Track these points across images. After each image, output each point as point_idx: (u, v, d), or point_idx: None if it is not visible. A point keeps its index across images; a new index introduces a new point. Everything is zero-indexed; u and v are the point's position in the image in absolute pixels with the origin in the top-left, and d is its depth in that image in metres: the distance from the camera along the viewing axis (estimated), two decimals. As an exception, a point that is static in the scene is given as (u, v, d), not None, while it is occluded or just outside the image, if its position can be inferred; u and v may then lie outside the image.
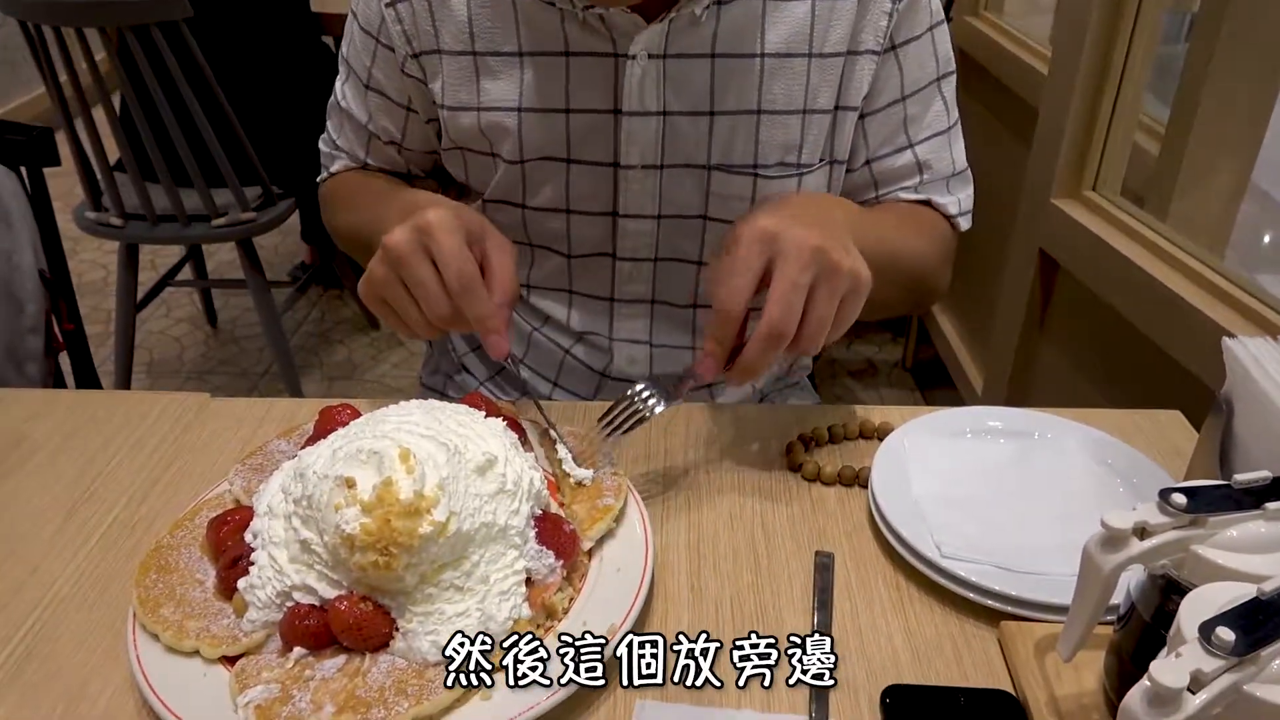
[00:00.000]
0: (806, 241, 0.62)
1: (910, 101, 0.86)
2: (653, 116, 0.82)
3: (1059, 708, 0.54)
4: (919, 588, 0.65)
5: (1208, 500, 0.47)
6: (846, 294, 0.64)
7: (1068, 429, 0.76)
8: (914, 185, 0.89)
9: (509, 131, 0.84)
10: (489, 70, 0.83)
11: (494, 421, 0.67)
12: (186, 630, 0.56)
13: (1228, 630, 0.39)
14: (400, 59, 0.86)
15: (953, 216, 0.91)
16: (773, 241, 0.62)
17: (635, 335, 0.94)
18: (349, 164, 0.96)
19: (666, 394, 0.68)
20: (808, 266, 0.62)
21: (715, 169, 0.85)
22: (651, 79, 0.81)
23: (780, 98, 0.82)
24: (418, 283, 0.66)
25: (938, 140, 0.88)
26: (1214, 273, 1.16)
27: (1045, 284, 1.55)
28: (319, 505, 0.55)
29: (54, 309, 1.08)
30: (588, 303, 0.94)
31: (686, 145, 0.84)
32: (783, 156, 0.85)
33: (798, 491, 0.74)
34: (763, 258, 0.63)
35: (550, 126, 0.83)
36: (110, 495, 0.73)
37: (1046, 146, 1.46)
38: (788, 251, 0.62)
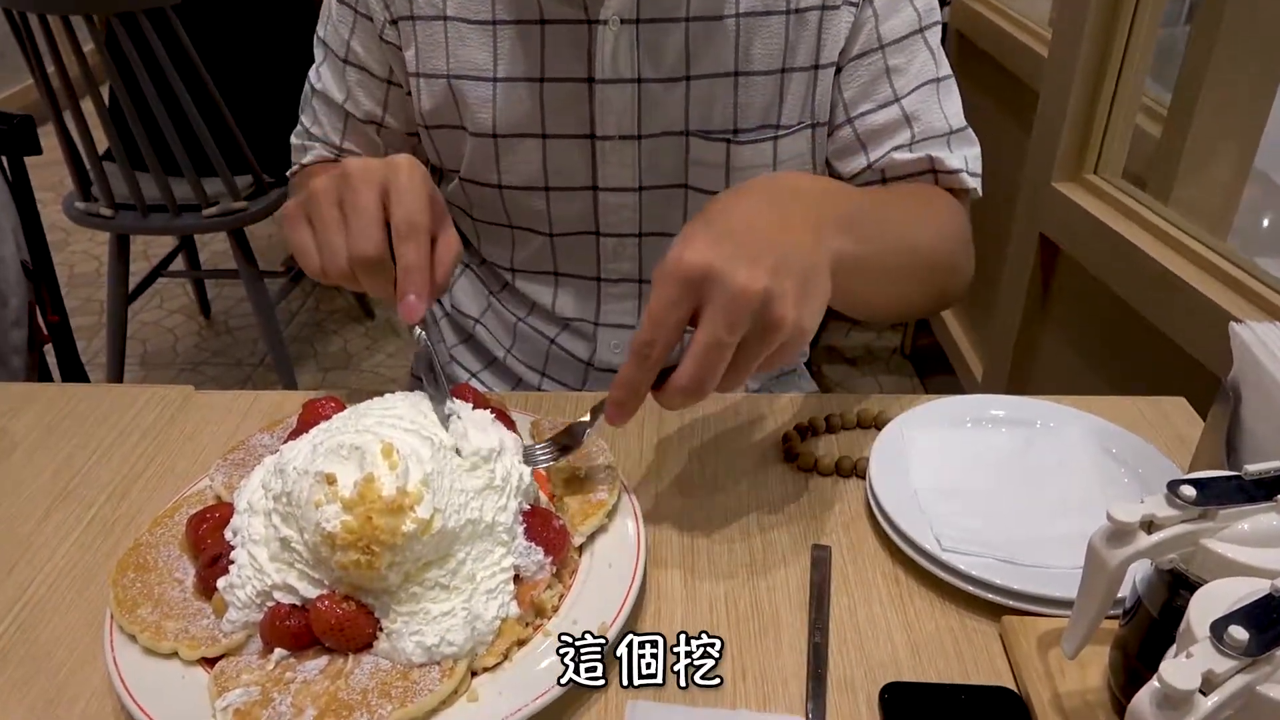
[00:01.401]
0: (746, 291, 0.52)
1: (890, 51, 0.81)
2: (628, 84, 0.80)
3: (1063, 705, 0.53)
4: (918, 581, 0.63)
5: (1218, 492, 0.46)
6: (781, 346, 0.55)
7: (1071, 417, 0.75)
8: (906, 143, 0.83)
9: (484, 102, 0.82)
10: (461, 37, 0.82)
11: (481, 413, 0.65)
12: (164, 631, 0.55)
13: (1240, 629, 0.37)
14: (379, 26, 0.84)
15: (956, 171, 0.83)
16: (705, 281, 0.53)
17: (622, 319, 0.93)
18: (323, 154, 0.93)
19: (563, 448, 0.64)
20: (739, 323, 0.53)
21: (693, 135, 0.83)
22: (625, 45, 0.79)
23: (758, 58, 0.80)
24: (358, 210, 0.60)
25: (925, 91, 0.82)
26: (1218, 256, 1.14)
27: (1046, 269, 1.53)
28: (299, 502, 0.53)
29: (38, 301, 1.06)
30: (574, 284, 0.92)
31: (663, 112, 0.82)
32: (762, 119, 0.83)
33: (794, 483, 0.72)
34: (690, 301, 0.54)
35: (525, 97, 0.82)
36: (91, 492, 0.72)
37: (1047, 129, 1.44)
38: (719, 301, 0.52)
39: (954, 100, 0.85)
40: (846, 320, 2.63)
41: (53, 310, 1.07)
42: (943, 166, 0.83)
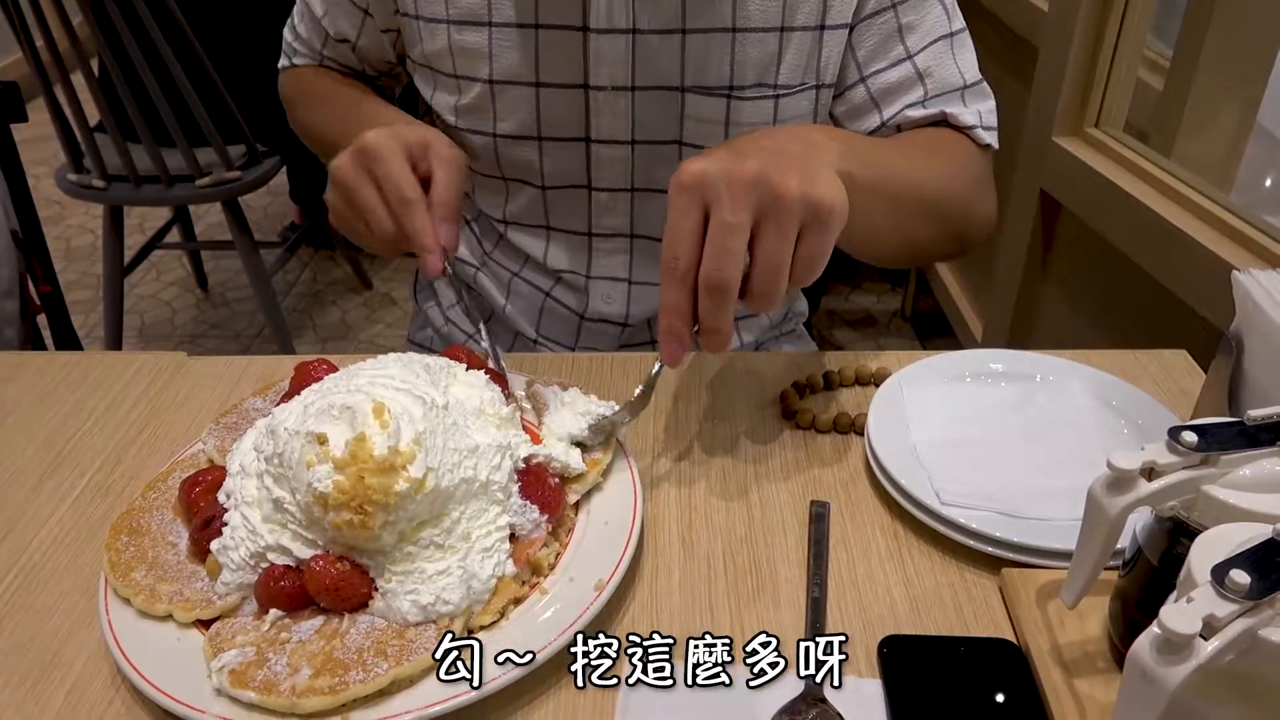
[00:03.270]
0: (740, 174, 0.54)
1: (903, 8, 0.80)
2: (622, 34, 0.79)
3: (1062, 656, 0.53)
4: (918, 536, 0.63)
5: (1219, 438, 0.45)
6: (805, 225, 0.55)
7: (1071, 370, 0.74)
8: (920, 99, 0.82)
9: (479, 49, 0.81)
10: None
11: (475, 374, 0.64)
12: (159, 594, 0.54)
13: (1242, 573, 0.37)
14: None
15: (970, 127, 0.82)
16: (702, 184, 0.54)
17: (614, 272, 0.92)
18: (309, 59, 0.96)
19: (633, 409, 0.65)
20: (742, 201, 0.54)
21: (689, 90, 0.81)
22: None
23: (756, 14, 0.79)
24: (365, 208, 0.68)
25: (938, 47, 0.81)
26: (1221, 209, 1.13)
27: (1047, 225, 1.52)
28: (290, 463, 0.53)
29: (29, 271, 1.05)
30: (565, 238, 0.91)
31: (658, 65, 0.80)
32: (759, 76, 0.81)
33: (792, 440, 0.72)
34: (696, 206, 0.55)
35: (519, 44, 0.80)
36: (84, 458, 0.71)
37: (1048, 83, 1.42)
38: (718, 188, 0.54)
39: (968, 54, 0.83)
40: (848, 283, 2.62)
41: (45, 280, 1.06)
42: (956, 122, 0.82)
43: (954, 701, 0.51)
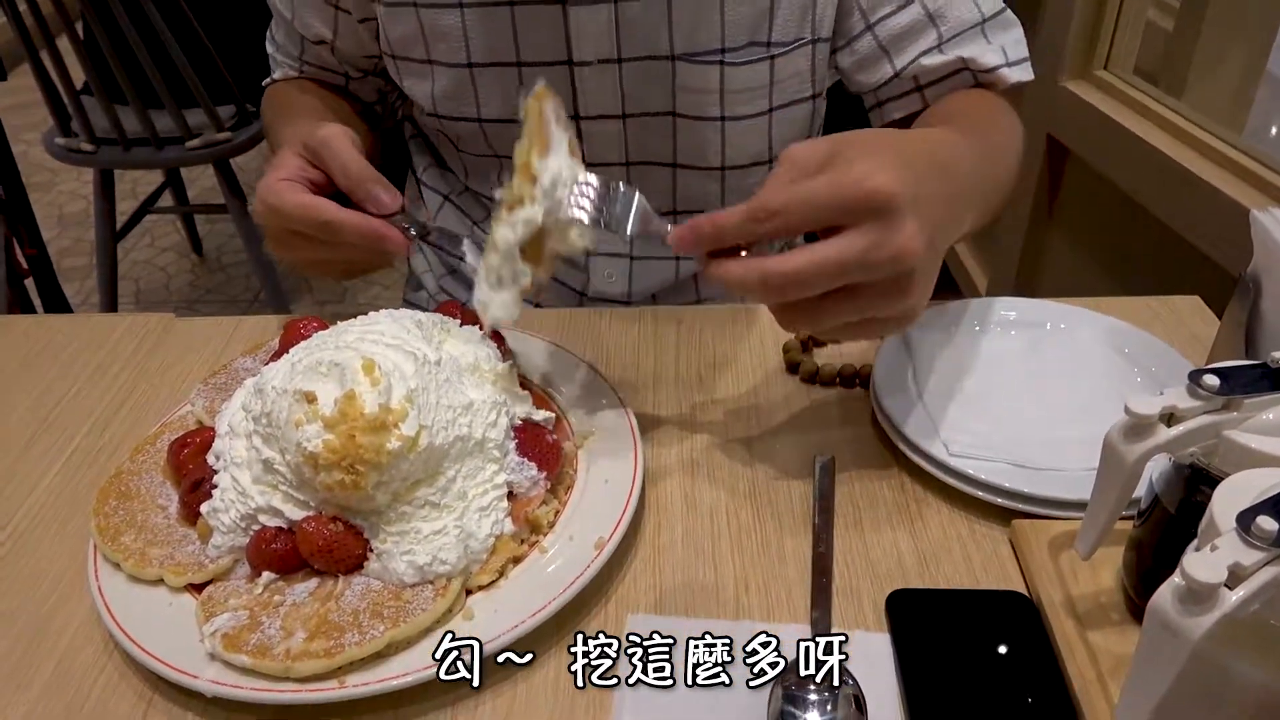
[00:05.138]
0: (907, 251, 0.47)
1: None
2: (603, 4, 0.74)
3: (1075, 608, 0.51)
4: (925, 489, 0.61)
5: (1242, 381, 0.43)
6: (871, 322, 0.51)
7: (1082, 318, 0.72)
8: (935, 44, 0.76)
9: (452, 30, 0.77)
10: None
11: (470, 329, 0.62)
12: (149, 558, 0.53)
13: (1270, 519, 0.35)
14: None
15: (994, 68, 0.76)
16: (869, 210, 0.47)
17: (615, 248, 0.89)
18: (288, 70, 0.91)
19: (628, 220, 0.56)
20: (875, 266, 0.47)
21: (679, 59, 0.77)
22: None
23: None
24: (315, 263, 0.68)
25: None
26: (1234, 150, 1.10)
27: (1054, 172, 1.48)
28: (279, 423, 0.51)
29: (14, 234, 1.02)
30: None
31: (644, 34, 0.76)
32: (752, 35, 0.76)
33: (795, 393, 0.70)
34: (847, 217, 0.48)
35: (496, 23, 0.76)
36: (72, 422, 0.70)
37: (1056, 25, 1.38)
38: (877, 237, 0.47)
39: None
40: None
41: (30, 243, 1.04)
42: (978, 65, 0.77)
43: (964, 656, 0.50)
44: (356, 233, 0.62)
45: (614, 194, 0.56)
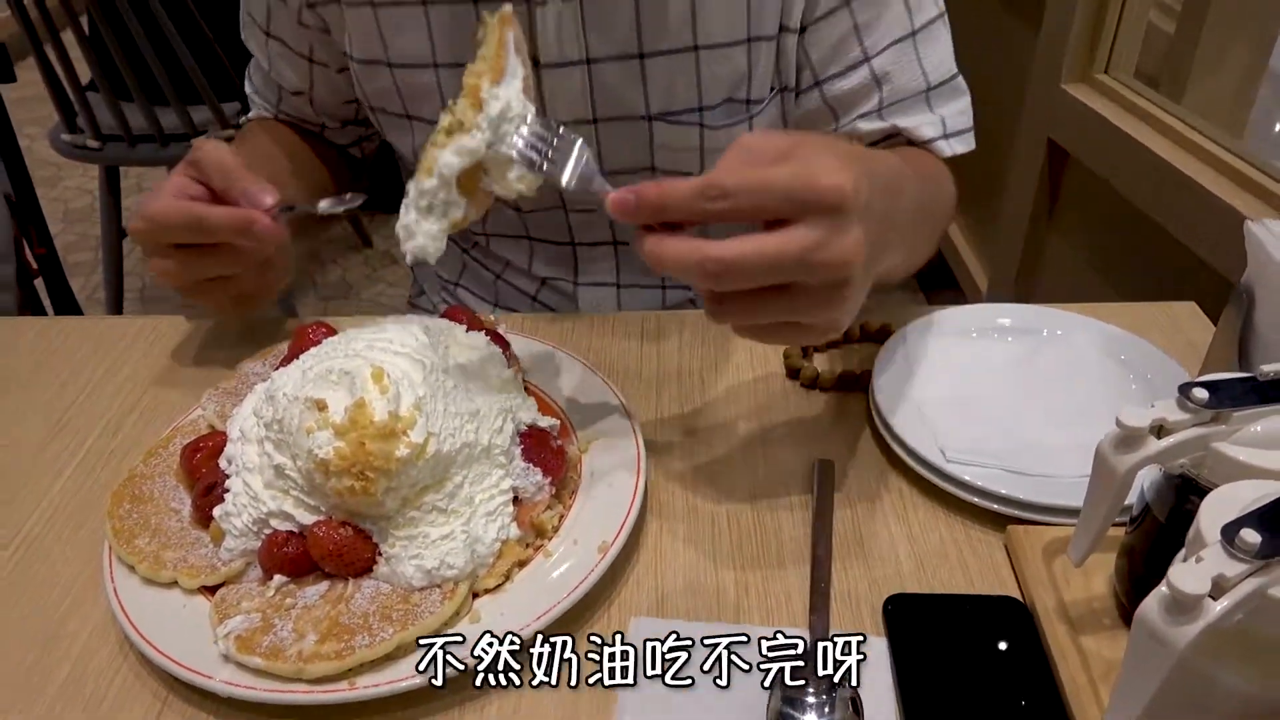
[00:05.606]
0: (844, 258, 0.47)
1: (858, 6, 0.74)
2: (575, 66, 0.74)
3: (1068, 613, 0.52)
4: (923, 494, 0.62)
5: (1231, 394, 0.44)
6: (800, 327, 0.50)
7: (1078, 324, 0.73)
8: (874, 109, 0.76)
9: (429, 90, 0.77)
10: (392, 23, 0.76)
11: (476, 335, 0.64)
12: (163, 561, 0.54)
13: (1253, 532, 0.36)
14: (294, 10, 0.80)
15: (930, 141, 0.76)
16: (827, 211, 0.46)
17: (601, 278, 0.89)
18: (263, 111, 0.91)
19: (567, 166, 0.54)
20: (814, 268, 0.46)
21: (656, 119, 0.77)
22: (569, 24, 0.72)
23: (719, 29, 0.73)
24: (188, 277, 0.67)
25: (899, 48, 0.75)
26: (1233, 156, 1.11)
27: (1054, 175, 1.49)
28: (290, 429, 0.52)
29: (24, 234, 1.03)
30: (548, 248, 0.88)
31: (619, 95, 0.75)
32: (730, 93, 0.76)
33: (795, 398, 0.71)
34: (795, 210, 0.46)
35: None
36: (83, 425, 0.71)
37: (1056, 28, 1.39)
38: (819, 252, 0.46)
39: (938, 49, 0.77)
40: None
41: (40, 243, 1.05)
42: (913, 135, 0.77)
43: (959, 659, 0.51)
44: (224, 220, 0.63)
45: (560, 143, 0.53)
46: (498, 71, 0.53)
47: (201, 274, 0.68)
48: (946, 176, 0.78)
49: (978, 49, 1.91)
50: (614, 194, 0.49)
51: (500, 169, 0.54)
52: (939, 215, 0.75)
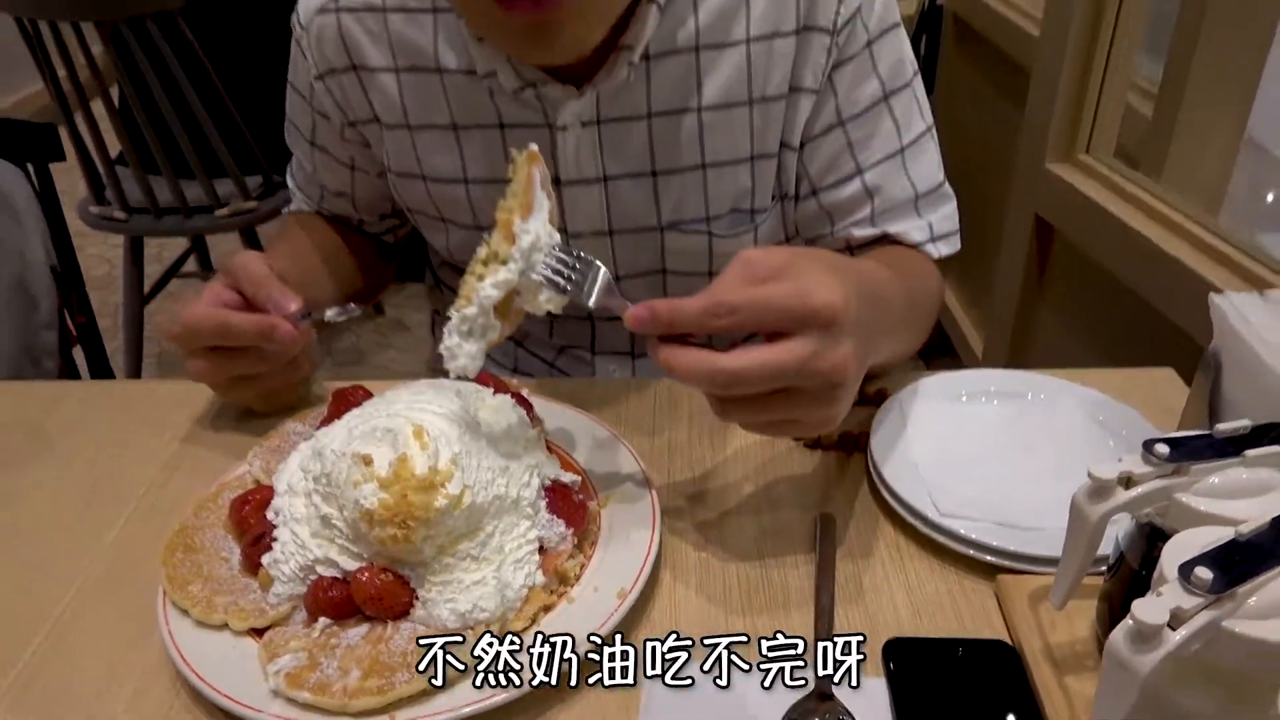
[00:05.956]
0: (841, 367, 0.54)
1: (852, 126, 0.81)
2: (594, 184, 0.81)
3: (1053, 655, 0.57)
4: (918, 546, 0.67)
5: (1190, 449, 0.49)
6: (791, 423, 0.57)
7: (1062, 389, 0.78)
8: (866, 218, 0.84)
9: (460, 202, 0.85)
10: (427, 143, 0.83)
11: (502, 398, 0.69)
12: (215, 605, 0.59)
13: (1206, 570, 0.41)
14: (338, 127, 0.87)
15: (919, 244, 0.84)
16: (821, 326, 0.53)
17: (617, 347, 0.95)
18: (304, 205, 0.98)
19: (591, 290, 0.61)
20: (809, 375, 0.53)
21: (667, 229, 0.84)
22: (587, 147, 0.79)
23: (725, 149, 0.81)
24: (220, 377, 0.76)
25: (889, 164, 0.82)
26: (1209, 233, 1.17)
27: (1042, 248, 1.56)
28: (338, 482, 0.57)
29: (65, 303, 1.10)
30: (568, 322, 0.94)
31: (634, 209, 0.83)
32: (735, 204, 0.83)
33: (798, 458, 0.76)
34: (793, 324, 0.53)
35: (497, 195, 0.82)
36: (130, 482, 0.75)
37: (1039, 110, 1.47)
38: (814, 362, 0.53)
39: (925, 161, 0.84)
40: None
41: (79, 311, 1.11)
42: (903, 240, 0.84)
43: (954, 698, 0.55)
44: (250, 326, 0.71)
45: (582, 264, 0.61)
46: (526, 207, 0.60)
47: (232, 373, 0.75)
48: (933, 274, 0.85)
49: (972, 130, 2.01)
50: (631, 310, 0.56)
51: (531, 292, 0.61)
52: (925, 312, 0.82)
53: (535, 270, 0.60)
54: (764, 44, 0.78)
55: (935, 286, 0.85)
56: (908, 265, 0.83)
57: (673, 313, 0.55)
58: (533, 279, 0.60)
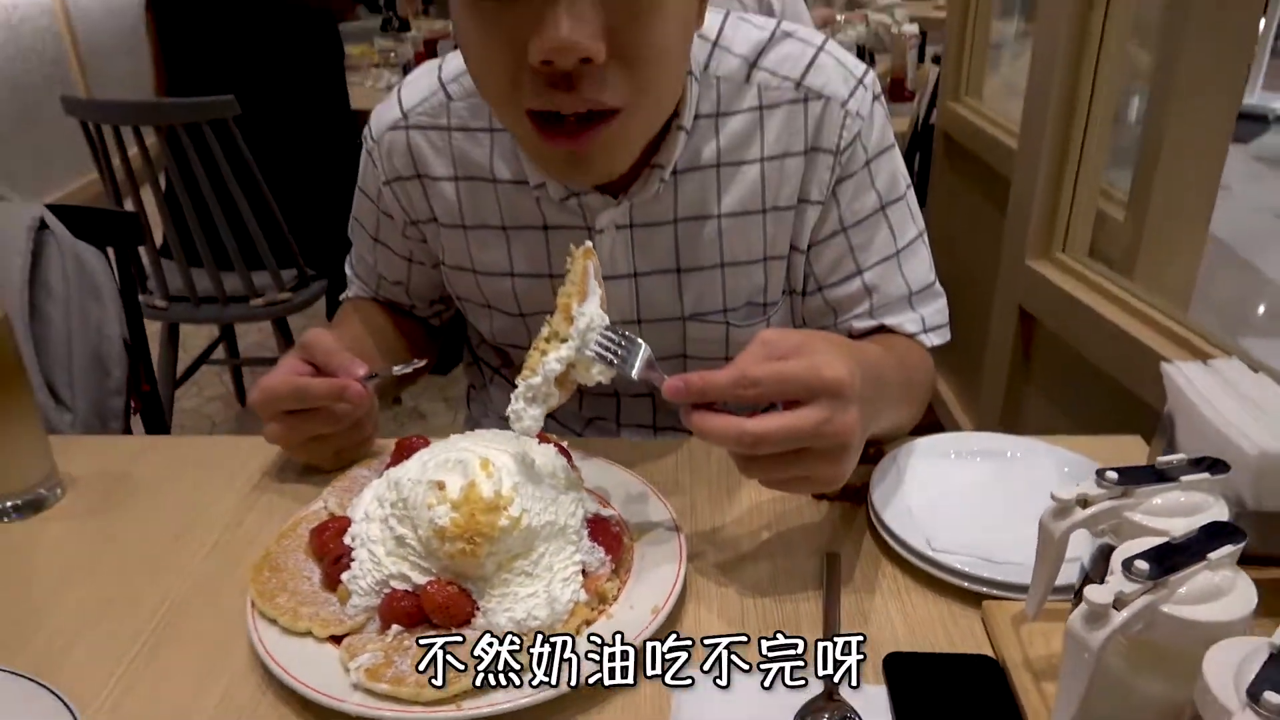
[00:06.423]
0: (849, 430, 0.65)
1: (852, 232, 0.92)
2: (625, 279, 0.92)
3: (1032, 666, 0.65)
4: (913, 579, 0.76)
5: (1134, 476, 0.59)
6: (801, 479, 0.68)
7: (1039, 449, 0.88)
8: (865, 311, 0.94)
9: (506, 293, 0.97)
10: (479, 241, 0.95)
11: (546, 446, 0.79)
12: (300, 615, 0.67)
13: (1144, 562, 0.50)
14: (400, 225, 0.99)
15: (913, 335, 0.94)
16: (832, 396, 0.64)
17: (640, 420, 1.05)
18: (361, 292, 1.10)
19: (634, 364, 0.71)
20: (820, 437, 0.64)
21: (690, 319, 0.95)
22: (621, 247, 0.91)
23: (741, 251, 0.91)
24: (295, 437, 0.85)
25: (886, 265, 0.93)
26: (1175, 322, 1.29)
27: (1025, 337, 1.69)
28: (414, 505, 0.67)
29: (133, 373, 1.20)
30: (597, 396, 1.04)
31: (660, 301, 0.94)
32: (750, 298, 0.95)
33: (808, 507, 0.85)
34: (807, 394, 0.64)
35: (539, 289, 0.95)
36: (211, 522, 0.84)
37: (1019, 214, 1.62)
38: (826, 426, 0.63)
39: (918, 263, 0.94)
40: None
41: (146, 380, 1.22)
42: (899, 331, 0.94)
43: (945, 704, 0.64)
44: (324, 388, 0.81)
45: (627, 343, 0.71)
46: (582, 294, 0.72)
47: (305, 434, 0.85)
48: (926, 359, 0.96)
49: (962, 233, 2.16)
50: (668, 382, 0.67)
51: (585, 365, 0.71)
52: (919, 391, 0.93)
53: (589, 347, 0.71)
54: (776, 162, 0.89)
55: (928, 369, 0.97)
56: (903, 351, 0.94)
57: (704, 384, 0.65)
58: (586, 354, 0.71)
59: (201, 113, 1.99)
